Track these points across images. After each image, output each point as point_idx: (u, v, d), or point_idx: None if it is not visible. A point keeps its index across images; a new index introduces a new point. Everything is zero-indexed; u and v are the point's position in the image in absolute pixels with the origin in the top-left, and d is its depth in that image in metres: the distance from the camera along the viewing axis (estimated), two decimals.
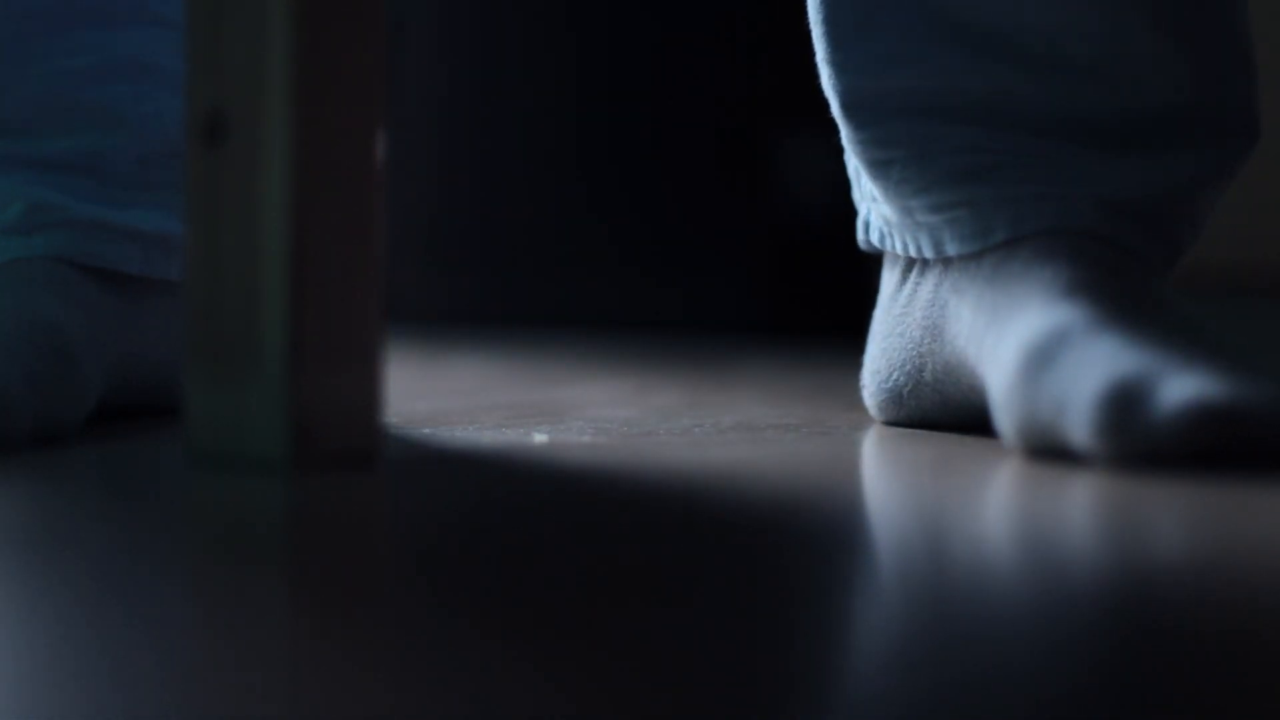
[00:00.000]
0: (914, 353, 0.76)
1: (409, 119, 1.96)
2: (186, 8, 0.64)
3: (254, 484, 0.59)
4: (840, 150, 0.82)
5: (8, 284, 0.76)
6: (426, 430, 0.77)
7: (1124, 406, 0.61)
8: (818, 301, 1.70)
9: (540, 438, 0.74)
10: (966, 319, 0.73)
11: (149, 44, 0.81)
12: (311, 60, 0.62)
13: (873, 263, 1.69)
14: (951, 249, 0.75)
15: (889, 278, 0.80)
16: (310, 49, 0.62)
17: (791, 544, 0.48)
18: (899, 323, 0.77)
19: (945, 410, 0.76)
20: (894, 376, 0.77)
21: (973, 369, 0.72)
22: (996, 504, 0.56)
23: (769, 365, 1.26)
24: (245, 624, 0.37)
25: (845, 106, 0.77)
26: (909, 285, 0.77)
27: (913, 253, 0.77)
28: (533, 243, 1.87)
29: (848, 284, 1.69)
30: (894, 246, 0.78)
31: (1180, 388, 0.61)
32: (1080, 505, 0.55)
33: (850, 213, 0.84)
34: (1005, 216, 0.73)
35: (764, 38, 1.70)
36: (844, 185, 0.85)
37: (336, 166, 0.62)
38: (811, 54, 0.81)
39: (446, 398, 0.96)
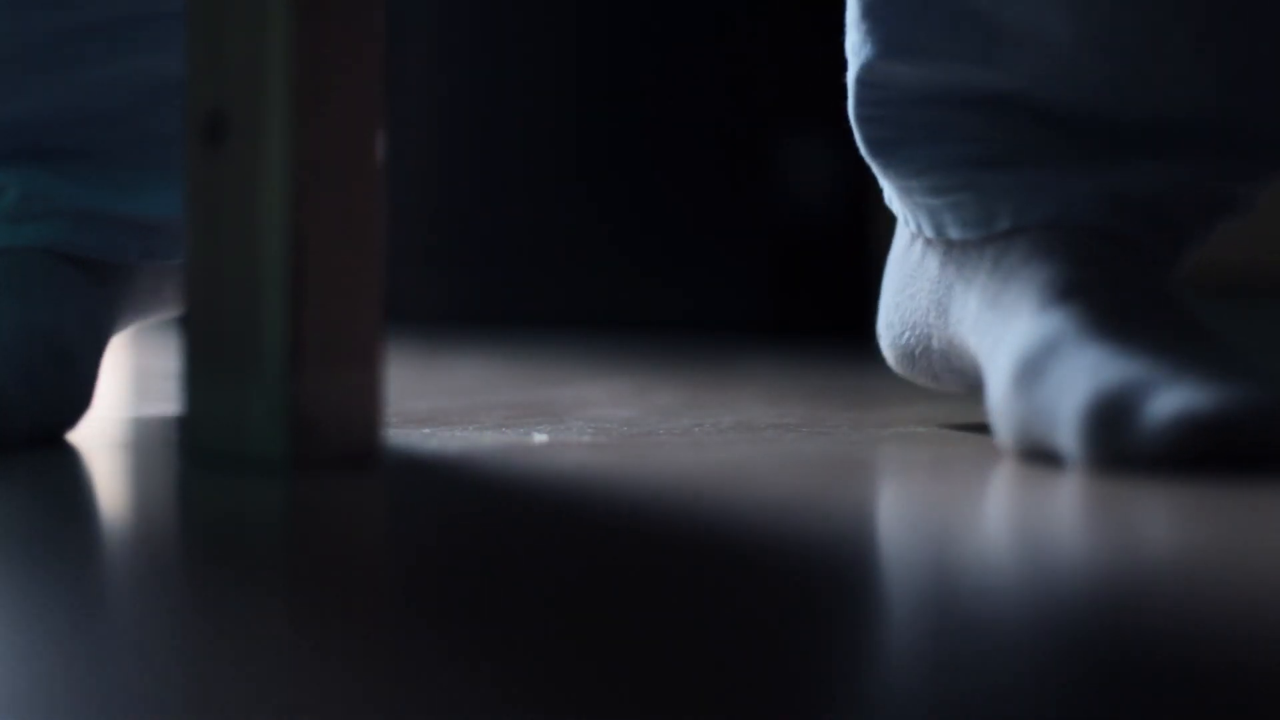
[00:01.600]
0: (922, 321, 0.76)
1: (409, 119, 1.96)
2: (187, 8, 0.64)
3: (254, 484, 0.59)
4: (841, 150, 0.82)
5: (4, 282, 0.76)
6: (426, 430, 0.77)
7: (1110, 421, 0.62)
8: (818, 301, 1.70)
9: (540, 438, 0.74)
10: (972, 308, 0.73)
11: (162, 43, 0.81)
12: (311, 60, 0.62)
13: (872, 263, 1.69)
14: (954, 233, 0.75)
15: (902, 230, 0.79)
16: (310, 49, 0.62)
17: (791, 545, 0.48)
18: (909, 283, 0.77)
19: (955, 376, 0.77)
20: (905, 336, 0.78)
21: (974, 355, 0.73)
22: (995, 507, 0.56)
23: (769, 365, 1.26)
24: (244, 624, 0.37)
25: (858, 80, 0.77)
26: (917, 248, 0.77)
27: (913, 229, 0.77)
28: (533, 243, 1.88)
29: (848, 284, 1.69)
30: (900, 217, 0.78)
31: (1167, 400, 0.61)
32: (1078, 508, 0.55)
33: (850, 213, 0.84)
34: (1009, 205, 0.73)
35: (765, 38, 1.70)
36: (844, 185, 0.85)
37: (336, 166, 0.62)
38: (811, 55, 0.81)
39: (446, 398, 0.96)
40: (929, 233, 0.76)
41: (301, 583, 0.42)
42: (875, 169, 0.77)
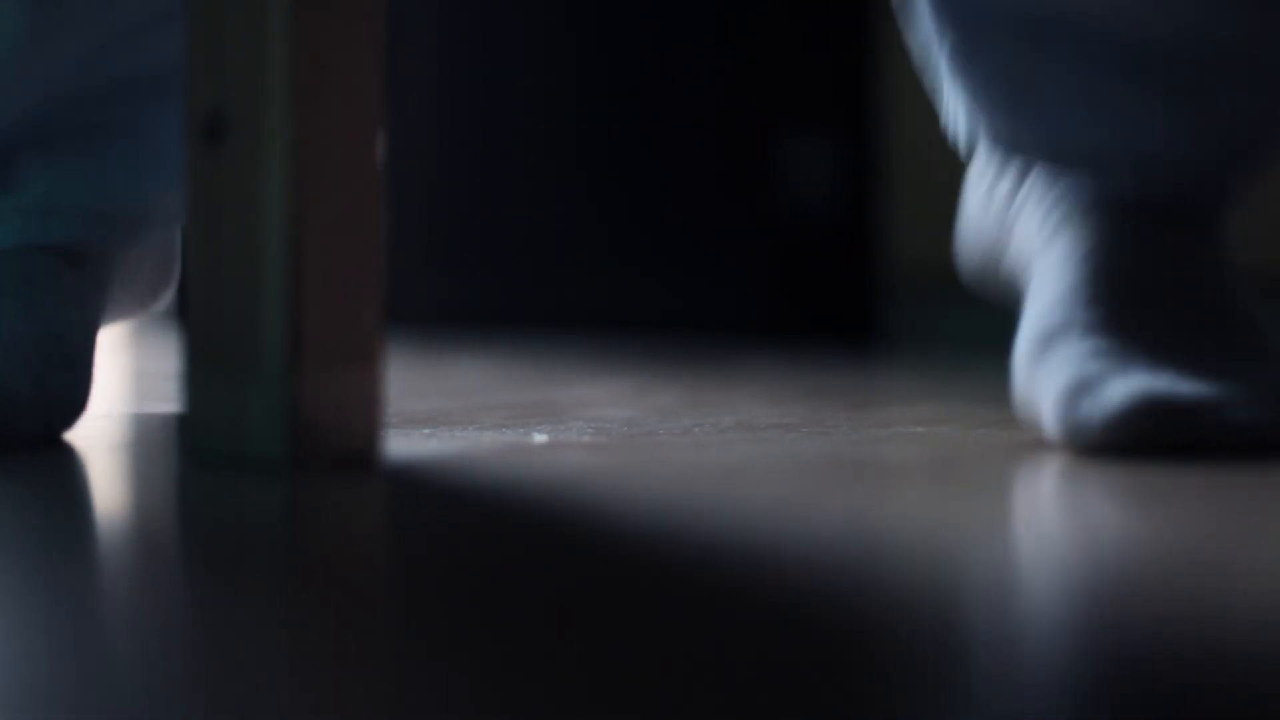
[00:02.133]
0: (993, 244, 0.80)
1: (409, 119, 1.96)
2: (187, 8, 0.64)
3: (254, 484, 0.59)
4: (841, 150, 0.83)
5: (15, 288, 0.76)
6: (426, 430, 0.77)
7: (1073, 401, 0.67)
8: (818, 301, 1.70)
9: (540, 438, 0.74)
10: (1029, 246, 0.76)
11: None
12: (311, 60, 0.62)
13: (873, 263, 1.69)
14: (1017, 158, 0.78)
15: (979, 150, 0.82)
16: (310, 49, 0.62)
17: (791, 546, 0.48)
18: (983, 206, 0.81)
19: (1019, 297, 0.81)
20: (980, 253, 0.82)
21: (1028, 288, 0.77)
22: (995, 507, 0.56)
23: (769, 365, 1.26)
24: (243, 624, 0.37)
25: (942, 18, 0.78)
26: (993, 169, 0.80)
27: (980, 147, 0.80)
28: (533, 243, 1.88)
29: (848, 284, 1.69)
30: (966, 132, 0.81)
31: (1126, 383, 0.66)
32: (1078, 508, 0.55)
33: (850, 213, 0.85)
34: (1068, 147, 0.76)
35: (765, 38, 1.70)
36: (844, 186, 0.86)
37: (336, 166, 0.62)
38: (811, 55, 0.82)
39: (446, 398, 0.96)
40: (991, 146, 0.78)
41: (301, 583, 0.42)
42: (957, 93, 0.79)
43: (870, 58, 1.64)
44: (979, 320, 1.61)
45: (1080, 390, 0.66)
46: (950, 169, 1.60)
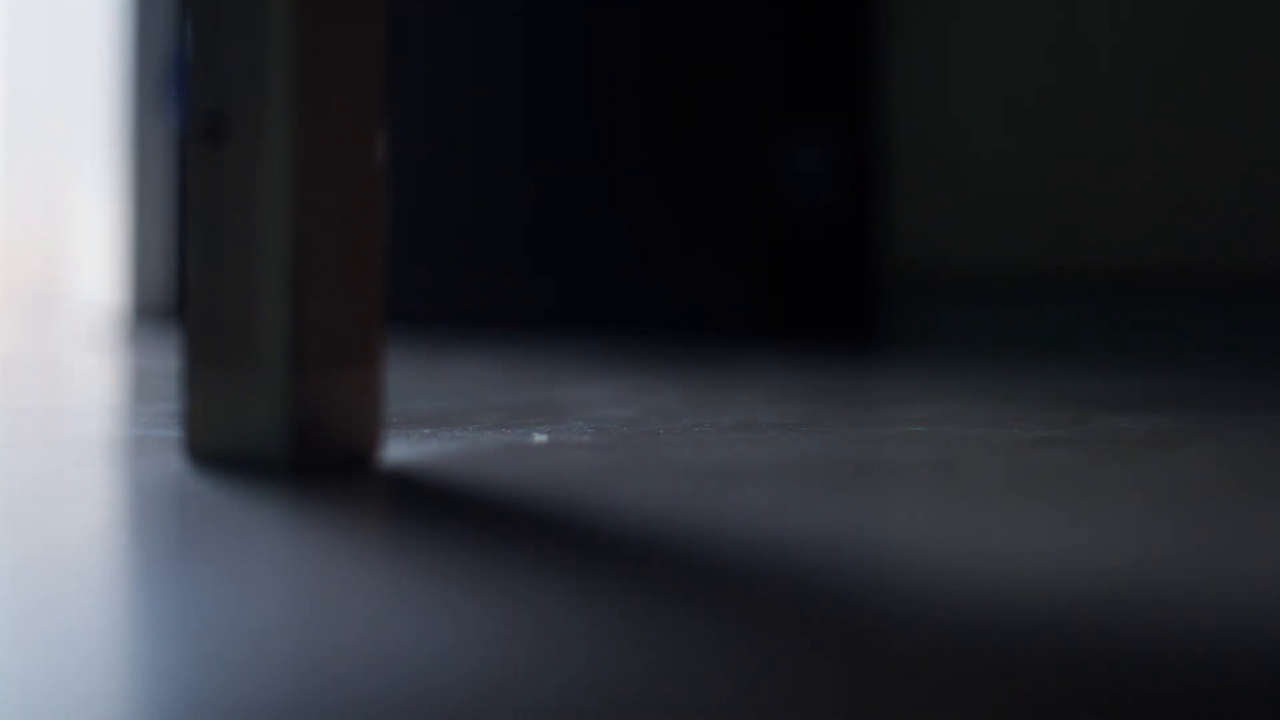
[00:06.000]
0: None
1: (409, 119, 1.96)
2: (187, 9, 0.64)
3: (254, 484, 0.59)
4: (842, 151, 0.83)
5: None
6: (426, 430, 0.77)
7: None
8: (818, 301, 1.70)
9: (540, 438, 0.74)
10: None
11: None
12: (311, 60, 0.62)
13: (873, 263, 1.69)
14: None
15: None
16: (310, 49, 0.62)
17: (791, 545, 0.48)
18: None
19: None
20: None
21: None
22: (994, 506, 0.56)
23: (769, 365, 1.26)
24: (243, 623, 0.37)
25: None
26: None
27: None
28: (532, 243, 1.87)
29: (848, 284, 1.69)
30: None
31: None
32: (1077, 507, 0.55)
33: (850, 213, 0.85)
34: None
35: (765, 38, 1.70)
36: (844, 186, 0.85)
37: (336, 167, 0.62)
38: (811, 55, 0.81)
39: (446, 398, 0.96)
40: None
41: (302, 583, 0.42)
42: None
43: (871, 59, 1.64)
44: (979, 320, 1.61)
45: None
46: (950, 169, 1.60)
